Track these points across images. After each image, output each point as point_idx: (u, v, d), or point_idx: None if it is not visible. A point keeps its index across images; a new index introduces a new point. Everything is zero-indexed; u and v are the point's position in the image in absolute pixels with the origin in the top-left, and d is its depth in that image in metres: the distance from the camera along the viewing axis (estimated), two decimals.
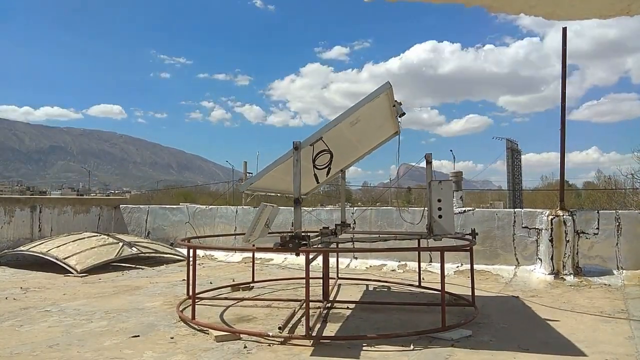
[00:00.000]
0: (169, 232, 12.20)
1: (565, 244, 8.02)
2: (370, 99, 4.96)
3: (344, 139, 5.91)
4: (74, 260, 8.95)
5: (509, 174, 36.12)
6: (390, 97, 5.38)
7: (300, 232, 4.86)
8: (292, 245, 4.80)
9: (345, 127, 5.33)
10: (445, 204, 5.27)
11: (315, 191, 8.13)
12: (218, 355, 4.23)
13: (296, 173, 4.78)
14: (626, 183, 27.41)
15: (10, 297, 6.67)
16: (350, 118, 5.06)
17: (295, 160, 4.79)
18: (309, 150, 4.92)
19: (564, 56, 8.62)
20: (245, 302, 6.40)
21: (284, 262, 9.89)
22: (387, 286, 7.60)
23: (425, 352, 4.32)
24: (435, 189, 5.30)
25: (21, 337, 4.75)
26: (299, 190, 4.81)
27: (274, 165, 5.07)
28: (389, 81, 4.99)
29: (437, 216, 5.26)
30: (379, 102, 5.26)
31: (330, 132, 4.98)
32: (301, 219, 4.97)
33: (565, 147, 8.66)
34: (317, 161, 5.03)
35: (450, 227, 5.26)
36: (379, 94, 4.98)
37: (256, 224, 4.94)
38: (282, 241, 4.82)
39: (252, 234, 4.94)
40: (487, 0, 2.39)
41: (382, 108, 5.57)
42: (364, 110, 5.12)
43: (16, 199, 11.57)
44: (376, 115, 5.79)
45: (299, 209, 4.89)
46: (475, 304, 5.85)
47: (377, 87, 5.05)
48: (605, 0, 2.39)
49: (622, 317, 5.60)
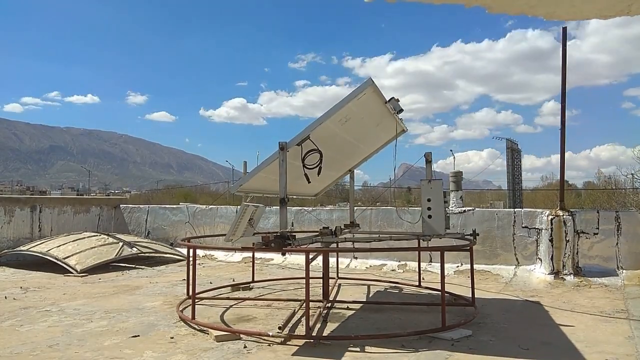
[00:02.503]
0: (169, 232, 12.20)
1: (565, 244, 8.02)
2: (354, 96, 4.87)
3: (340, 139, 5.87)
4: (74, 260, 8.95)
5: (508, 174, 36.14)
6: (379, 94, 5.28)
7: (286, 231, 4.86)
8: (274, 244, 4.81)
9: (335, 126, 5.27)
10: (435, 204, 5.14)
11: (326, 191, 8.07)
12: (218, 355, 4.23)
13: (282, 173, 4.81)
14: (626, 183, 27.42)
15: (10, 297, 6.67)
16: (335, 117, 4.99)
17: (280, 160, 4.80)
18: (301, 150, 4.91)
19: (564, 56, 8.62)
20: (245, 302, 6.39)
21: (284, 262, 9.89)
22: (387, 286, 7.60)
23: (425, 351, 4.32)
24: (425, 188, 5.18)
25: (21, 337, 4.75)
26: (284, 190, 4.83)
27: (263, 165, 5.07)
28: (371, 77, 4.90)
29: (427, 216, 5.15)
30: (367, 100, 5.16)
31: (319, 132, 4.95)
32: (287, 219, 4.98)
33: (565, 146, 8.67)
34: (306, 160, 5.03)
35: (440, 228, 5.13)
36: (363, 90, 4.89)
37: (238, 224, 4.95)
38: (264, 241, 4.82)
39: (235, 233, 4.96)
40: (488, 0, 2.39)
41: (373, 105, 5.47)
42: (351, 108, 5.05)
43: (16, 199, 11.57)
44: (370, 113, 5.70)
45: (284, 208, 4.91)
46: (475, 304, 5.85)
47: (360, 84, 4.97)
48: (606, 1, 2.39)
49: (622, 317, 5.60)
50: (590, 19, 2.48)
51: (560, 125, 8.62)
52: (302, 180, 5.39)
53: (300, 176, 5.32)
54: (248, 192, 5.84)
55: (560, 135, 8.62)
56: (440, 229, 5.14)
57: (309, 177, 5.19)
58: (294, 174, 5.20)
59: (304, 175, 5.18)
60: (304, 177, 5.27)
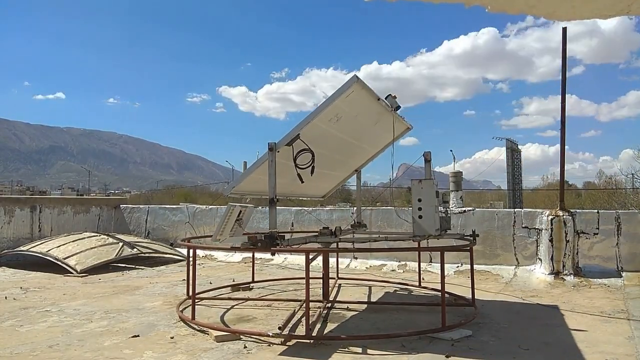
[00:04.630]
0: (169, 232, 12.20)
1: (566, 244, 8.01)
2: (340, 93, 4.81)
3: (337, 139, 5.82)
4: (74, 260, 8.95)
5: (508, 173, 36.15)
6: (370, 91, 5.21)
7: (275, 231, 4.86)
8: (260, 244, 4.80)
9: (326, 125, 5.23)
10: (426, 204, 5.06)
11: (333, 191, 8.04)
12: (218, 355, 4.23)
13: (271, 174, 4.81)
14: (626, 183, 27.41)
15: (10, 297, 6.66)
16: (324, 115, 4.95)
17: (270, 161, 4.80)
18: (292, 150, 4.90)
19: (563, 56, 8.62)
20: (246, 302, 6.39)
21: (284, 262, 9.89)
22: (387, 286, 7.60)
23: (425, 351, 4.32)
24: (415, 188, 5.12)
25: (21, 337, 4.75)
26: (274, 190, 4.84)
27: (254, 167, 5.06)
28: (356, 74, 4.82)
29: (417, 216, 5.08)
30: (357, 97, 5.09)
31: (311, 132, 4.93)
32: (276, 219, 4.98)
33: (565, 146, 8.67)
34: (297, 160, 5.01)
35: (431, 228, 5.05)
36: (349, 87, 4.81)
37: (224, 224, 4.95)
38: (251, 241, 4.81)
39: (222, 233, 4.96)
40: (487, 0, 2.39)
41: (366, 103, 5.39)
42: (340, 106, 5.00)
43: (16, 199, 11.57)
44: (363, 111, 5.62)
45: (273, 209, 4.91)
46: (475, 304, 5.85)
47: (345, 81, 4.89)
48: (606, 1, 2.38)
49: (622, 317, 5.60)
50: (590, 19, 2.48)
51: (560, 125, 8.62)
52: (311, 182, 5.36)
53: (311, 178, 5.28)
54: (243, 193, 5.80)
55: (561, 135, 8.62)
56: (430, 229, 5.05)
57: (302, 177, 5.17)
58: (305, 177, 5.17)
59: (297, 175, 5.13)
60: (314, 180, 5.24)
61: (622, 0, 2.36)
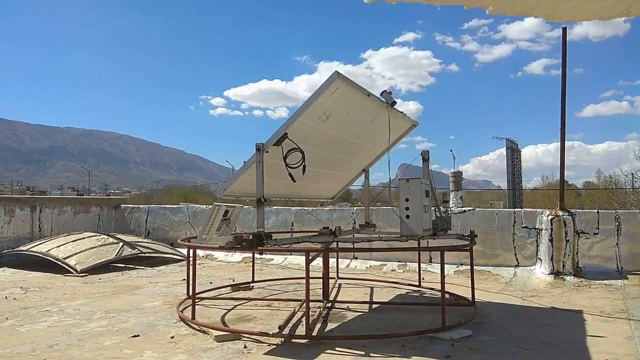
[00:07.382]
0: (169, 232, 12.20)
1: (565, 244, 8.01)
2: (322, 90, 4.75)
3: (332, 137, 5.76)
4: (74, 260, 8.95)
5: (508, 173, 36.09)
6: (358, 87, 5.15)
7: (263, 231, 4.87)
8: (245, 243, 4.82)
9: (316, 124, 5.19)
10: (414, 204, 5.00)
11: (342, 192, 8.01)
12: (218, 355, 4.23)
13: (258, 174, 4.84)
14: (626, 183, 27.40)
15: (10, 297, 6.67)
16: (310, 114, 4.91)
17: (257, 162, 4.82)
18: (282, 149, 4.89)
19: (563, 56, 8.62)
20: (246, 302, 6.39)
21: (284, 262, 9.90)
22: (387, 286, 7.60)
23: (425, 351, 4.33)
24: (402, 187, 5.07)
25: (21, 337, 4.75)
26: (261, 190, 4.86)
27: (244, 168, 5.06)
28: (337, 71, 4.75)
29: (405, 216, 5.02)
30: (344, 94, 5.04)
31: (300, 131, 4.91)
32: (264, 218, 5.00)
33: (565, 146, 8.67)
34: (288, 159, 5.01)
35: (418, 228, 5.00)
36: (331, 84, 4.75)
37: (210, 224, 4.96)
38: (237, 240, 4.82)
39: (208, 233, 4.97)
40: (487, 2, 2.39)
41: (355, 100, 5.33)
42: (326, 103, 4.94)
43: (16, 199, 11.58)
44: (355, 109, 5.55)
45: (261, 209, 4.93)
46: (475, 304, 5.85)
47: (327, 78, 4.82)
48: (606, 2, 2.39)
49: (622, 317, 5.60)
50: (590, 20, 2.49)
51: (560, 125, 8.62)
52: (316, 183, 5.34)
53: (315, 179, 5.27)
54: (237, 195, 5.75)
55: (561, 135, 8.63)
56: (418, 229, 4.99)
57: (293, 177, 5.15)
58: (306, 178, 5.16)
59: (288, 174, 5.11)
60: (319, 180, 5.23)
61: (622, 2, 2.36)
